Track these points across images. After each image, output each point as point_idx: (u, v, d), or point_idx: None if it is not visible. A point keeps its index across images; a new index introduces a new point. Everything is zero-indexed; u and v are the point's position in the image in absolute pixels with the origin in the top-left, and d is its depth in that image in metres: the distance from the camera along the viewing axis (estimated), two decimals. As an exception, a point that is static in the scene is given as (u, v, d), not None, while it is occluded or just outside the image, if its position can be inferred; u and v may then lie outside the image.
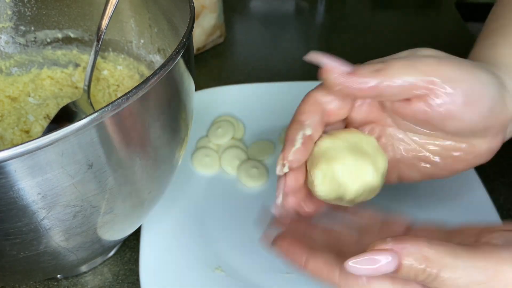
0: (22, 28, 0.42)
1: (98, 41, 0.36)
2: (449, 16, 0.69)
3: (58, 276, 0.38)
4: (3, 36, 0.42)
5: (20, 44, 0.43)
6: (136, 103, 0.24)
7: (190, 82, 0.30)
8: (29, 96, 0.42)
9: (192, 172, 0.44)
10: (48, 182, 0.22)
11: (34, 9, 0.41)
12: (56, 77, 0.43)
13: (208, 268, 0.37)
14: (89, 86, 0.38)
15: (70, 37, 0.43)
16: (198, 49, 0.61)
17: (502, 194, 0.44)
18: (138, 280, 0.37)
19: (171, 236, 0.39)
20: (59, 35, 0.43)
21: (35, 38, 0.43)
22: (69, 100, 0.41)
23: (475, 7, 0.75)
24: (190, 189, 0.43)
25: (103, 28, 0.35)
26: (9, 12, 0.41)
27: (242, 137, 0.48)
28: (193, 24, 0.29)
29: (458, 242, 0.22)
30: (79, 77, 0.43)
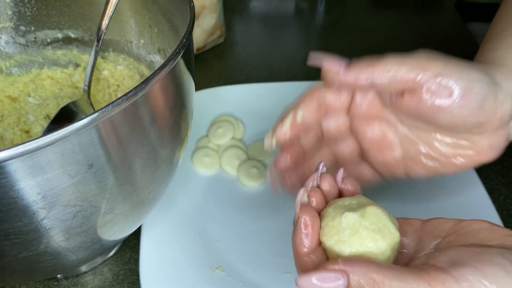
0: (22, 28, 0.42)
1: (98, 41, 0.36)
2: (449, 16, 0.69)
3: (59, 276, 0.38)
4: (4, 36, 0.42)
5: (20, 44, 0.43)
6: (136, 103, 0.24)
7: (190, 82, 0.30)
8: (29, 96, 0.42)
9: (192, 172, 0.44)
10: (48, 182, 0.22)
11: (34, 9, 0.41)
12: (56, 77, 0.43)
13: (208, 268, 0.37)
14: (89, 86, 0.38)
15: (70, 37, 0.43)
16: (198, 49, 0.61)
17: (502, 194, 0.44)
18: (138, 280, 0.37)
19: (171, 236, 0.39)
20: (59, 35, 0.43)
21: (35, 38, 0.43)
22: (69, 100, 0.41)
23: (475, 7, 0.75)
24: (190, 189, 0.43)
25: (103, 28, 0.36)
26: (9, 12, 0.41)
27: (242, 137, 0.48)
28: (193, 24, 0.29)
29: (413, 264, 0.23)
30: (79, 77, 0.43)
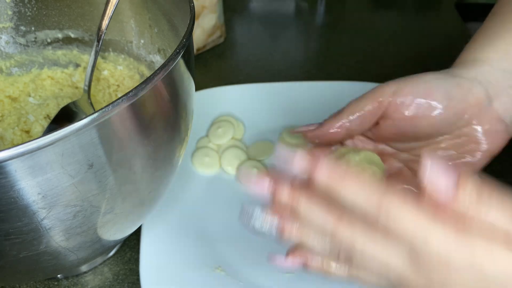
0: (23, 28, 0.42)
1: (99, 41, 0.36)
2: (449, 17, 0.69)
3: (59, 276, 0.38)
4: (4, 36, 0.42)
5: (21, 44, 0.43)
6: (137, 104, 0.24)
7: (190, 82, 0.30)
8: (30, 96, 0.42)
9: (192, 172, 0.44)
10: (49, 182, 0.22)
11: (35, 9, 0.41)
12: (57, 77, 0.44)
13: (208, 268, 0.37)
14: (89, 86, 0.39)
15: (71, 37, 0.43)
16: (198, 49, 0.61)
17: (502, 194, 0.44)
18: (139, 280, 0.37)
19: (171, 236, 0.39)
20: (60, 35, 0.43)
21: (36, 38, 0.43)
22: (70, 100, 0.41)
23: (475, 7, 0.75)
24: (190, 189, 0.43)
25: (103, 28, 0.36)
26: (10, 12, 0.41)
27: (242, 137, 0.48)
28: (193, 25, 0.29)
29: None
30: (80, 77, 0.43)
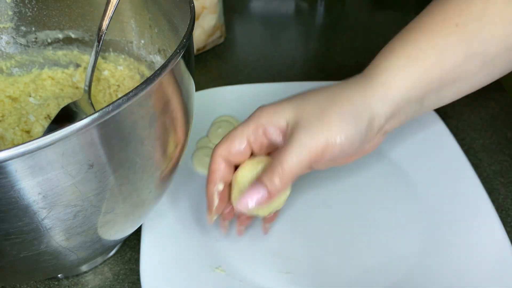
0: (23, 29, 0.42)
1: (99, 42, 0.36)
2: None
3: (59, 276, 0.38)
4: (4, 37, 0.42)
5: (21, 45, 0.43)
6: (137, 104, 0.24)
7: (190, 82, 0.30)
8: (30, 96, 0.42)
9: (192, 172, 0.44)
10: (49, 182, 0.22)
11: (35, 10, 0.41)
12: (57, 78, 0.44)
13: (208, 268, 0.37)
14: (90, 87, 0.39)
15: (71, 38, 0.43)
16: (198, 50, 0.61)
17: (501, 194, 0.44)
18: (139, 280, 0.37)
19: (172, 236, 0.39)
20: (60, 36, 0.43)
21: (36, 39, 0.43)
22: (70, 101, 0.41)
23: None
24: (190, 189, 0.43)
25: (104, 29, 0.36)
26: (10, 13, 0.41)
27: (242, 137, 0.48)
28: (194, 25, 0.29)
29: None
30: (80, 78, 0.44)
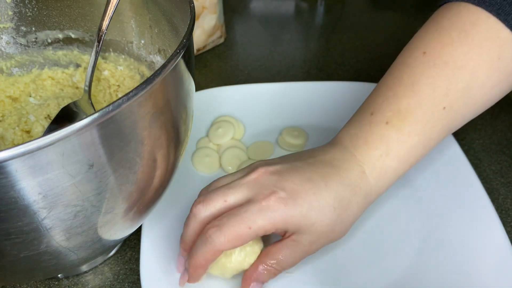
0: (23, 29, 0.42)
1: (99, 42, 0.36)
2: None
3: (59, 276, 0.38)
4: (4, 37, 0.42)
5: (21, 45, 0.43)
6: (137, 104, 0.24)
7: (190, 83, 0.30)
8: (30, 96, 0.42)
9: (192, 172, 0.44)
10: (49, 182, 0.22)
11: (35, 10, 0.41)
12: (57, 78, 0.44)
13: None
14: (90, 87, 0.39)
15: (71, 38, 0.43)
16: (198, 50, 0.61)
17: (501, 194, 0.44)
18: (139, 280, 0.37)
19: (172, 236, 0.39)
20: (60, 36, 0.43)
21: (36, 39, 0.43)
22: (70, 101, 0.41)
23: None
24: (190, 189, 0.43)
25: (104, 29, 0.36)
26: (10, 13, 0.41)
27: (242, 137, 0.48)
28: (194, 25, 0.29)
29: None
30: (80, 78, 0.44)
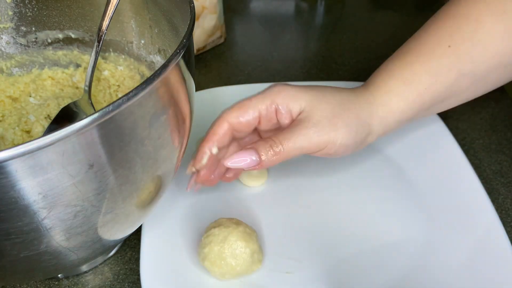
0: (23, 29, 0.42)
1: (99, 42, 0.36)
2: (449, 17, 0.69)
3: (59, 276, 0.38)
4: (4, 37, 0.42)
5: (21, 45, 0.43)
6: (137, 104, 0.24)
7: (191, 83, 0.30)
8: (30, 96, 0.42)
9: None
10: (49, 182, 0.22)
11: (35, 10, 0.41)
12: (57, 78, 0.44)
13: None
14: (90, 87, 0.39)
15: (71, 38, 0.43)
16: (199, 50, 0.61)
17: (501, 194, 0.44)
18: (139, 280, 0.37)
19: (172, 236, 0.39)
20: (60, 36, 0.43)
21: (36, 39, 0.43)
22: (70, 101, 0.41)
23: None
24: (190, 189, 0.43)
25: (104, 29, 0.36)
26: (10, 13, 0.41)
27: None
28: (194, 25, 0.29)
29: None
30: (80, 78, 0.44)
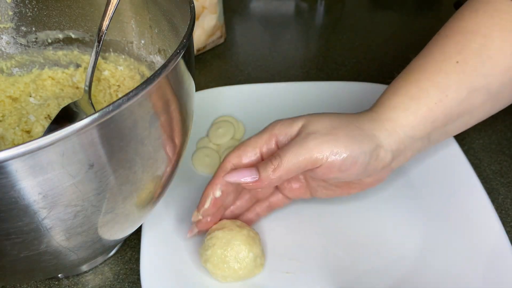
0: (23, 29, 0.42)
1: (99, 42, 0.36)
2: (448, 17, 0.69)
3: (59, 276, 0.38)
4: (4, 37, 0.42)
5: (21, 45, 0.43)
6: (137, 104, 0.24)
7: (191, 83, 0.31)
8: (30, 97, 0.42)
9: (192, 172, 0.44)
10: (49, 182, 0.22)
11: (35, 10, 0.41)
12: (57, 78, 0.44)
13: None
14: (90, 87, 0.39)
15: (71, 38, 0.43)
16: (199, 50, 0.62)
17: (501, 194, 0.44)
18: (139, 280, 0.37)
19: (172, 236, 0.39)
20: (60, 36, 0.43)
21: (36, 39, 0.43)
22: (70, 101, 0.41)
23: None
24: (190, 189, 0.43)
25: (104, 29, 0.36)
26: (10, 13, 0.41)
27: (242, 137, 0.48)
28: (194, 25, 0.29)
29: None
30: (80, 78, 0.44)
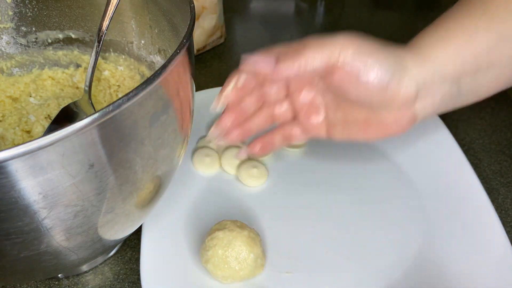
0: (23, 29, 0.42)
1: (99, 42, 0.36)
2: (449, 17, 0.69)
3: (59, 276, 0.38)
4: (5, 37, 0.42)
5: (21, 45, 0.43)
6: (137, 104, 0.24)
7: (191, 82, 0.31)
8: (30, 97, 0.42)
9: (192, 172, 0.44)
10: (49, 182, 0.22)
11: (35, 10, 0.41)
12: (57, 78, 0.44)
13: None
14: (90, 87, 0.39)
15: (71, 38, 0.43)
16: (199, 50, 0.62)
17: (501, 194, 0.44)
18: (139, 280, 0.37)
19: (172, 236, 0.39)
20: (60, 36, 0.43)
21: (36, 39, 0.43)
22: (70, 101, 0.41)
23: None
24: (190, 189, 0.43)
25: (104, 29, 0.36)
26: (10, 13, 0.41)
27: (242, 137, 0.48)
28: (194, 25, 0.29)
29: None
30: (80, 78, 0.44)
